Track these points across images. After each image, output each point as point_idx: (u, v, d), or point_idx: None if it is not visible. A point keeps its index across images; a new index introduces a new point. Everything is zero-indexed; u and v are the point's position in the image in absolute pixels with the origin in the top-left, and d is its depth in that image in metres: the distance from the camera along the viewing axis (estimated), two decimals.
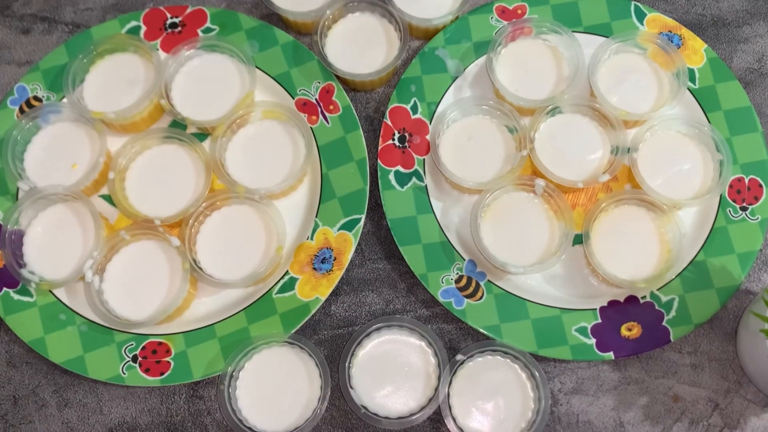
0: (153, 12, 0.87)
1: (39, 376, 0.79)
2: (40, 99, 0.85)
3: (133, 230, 0.78)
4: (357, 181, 0.81)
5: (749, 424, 0.76)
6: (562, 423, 0.77)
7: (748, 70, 0.87)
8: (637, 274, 0.77)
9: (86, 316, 0.78)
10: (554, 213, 0.80)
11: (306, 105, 0.84)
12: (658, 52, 0.84)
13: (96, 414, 0.78)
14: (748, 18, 0.89)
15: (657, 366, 0.78)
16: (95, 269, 0.77)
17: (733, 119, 0.82)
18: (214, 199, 0.79)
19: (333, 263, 0.78)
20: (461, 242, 0.81)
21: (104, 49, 0.84)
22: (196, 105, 0.83)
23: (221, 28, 0.87)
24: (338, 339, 0.80)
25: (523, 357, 0.75)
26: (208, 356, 0.77)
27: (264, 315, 0.78)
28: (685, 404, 0.77)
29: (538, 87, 0.84)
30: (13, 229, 0.78)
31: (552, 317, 0.77)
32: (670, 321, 0.77)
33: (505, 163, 0.82)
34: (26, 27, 0.91)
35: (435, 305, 0.80)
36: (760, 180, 0.81)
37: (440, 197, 0.82)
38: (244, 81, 0.83)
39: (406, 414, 0.75)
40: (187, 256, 0.77)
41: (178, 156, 0.82)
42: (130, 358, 0.77)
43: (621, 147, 0.80)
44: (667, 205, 0.78)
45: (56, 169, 0.81)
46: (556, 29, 0.83)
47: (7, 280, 0.79)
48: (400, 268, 0.81)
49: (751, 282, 0.81)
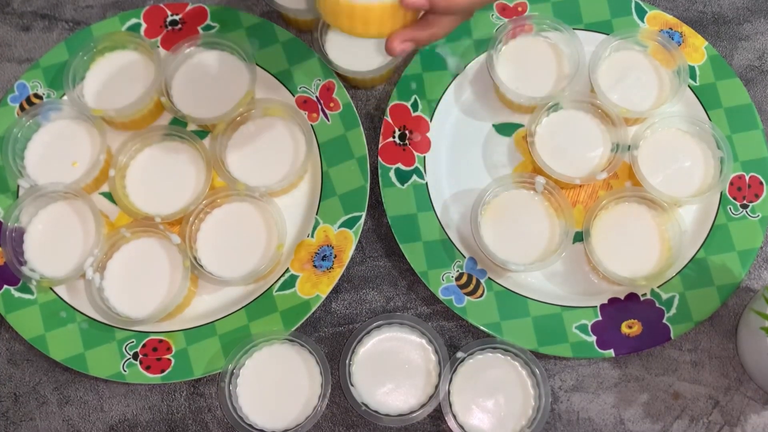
0: (153, 9, 0.87)
1: (40, 373, 0.79)
2: (41, 96, 0.85)
3: (134, 228, 0.78)
4: (357, 179, 0.81)
5: (749, 422, 0.76)
6: (563, 420, 0.77)
7: (749, 68, 0.87)
8: (637, 271, 0.77)
9: (87, 314, 0.78)
10: (555, 210, 0.80)
11: (306, 102, 0.84)
12: (658, 50, 0.84)
13: (97, 411, 0.78)
14: (749, 15, 0.89)
15: (657, 363, 0.78)
16: (96, 267, 0.77)
17: (733, 116, 0.82)
18: (215, 196, 0.79)
19: (333, 261, 0.78)
20: (462, 240, 0.81)
21: (105, 46, 0.84)
22: (196, 102, 0.83)
23: (221, 25, 0.86)
24: (339, 336, 0.80)
25: (524, 354, 0.75)
26: (208, 354, 0.77)
27: (264, 312, 0.78)
28: (686, 401, 0.77)
29: (538, 84, 0.83)
30: (14, 227, 0.78)
31: (552, 315, 0.77)
32: (671, 318, 0.77)
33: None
34: (26, 24, 0.91)
35: (435, 303, 0.80)
36: (760, 177, 0.81)
37: (440, 195, 0.82)
38: (245, 78, 0.83)
39: (406, 411, 0.75)
40: (188, 254, 0.77)
41: (178, 153, 0.82)
42: (131, 356, 0.77)
43: (621, 144, 0.80)
44: (667, 203, 0.78)
45: (57, 167, 0.81)
46: (557, 26, 0.83)
47: (8, 277, 0.79)
48: (401, 266, 0.81)
49: (751, 279, 0.81)
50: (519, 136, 0.84)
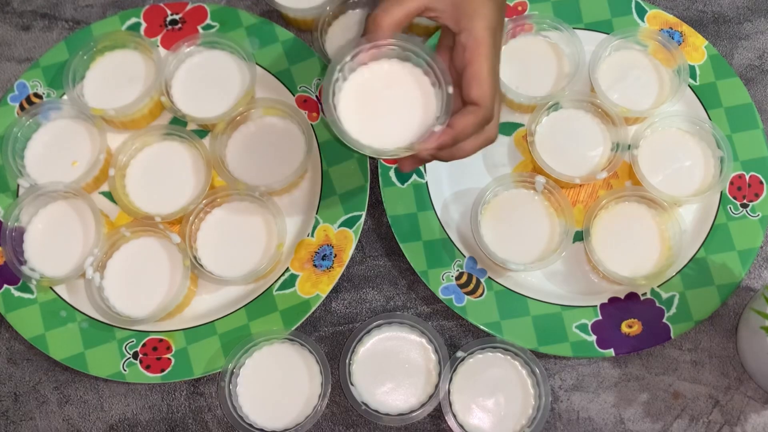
0: (153, 9, 0.87)
1: (40, 372, 0.79)
2: (41, 96, 0.85)
3: (134, 227, 0.78)
4: (357, 178, 0.80)
5: (749, 421, 0.76)
6: (563, 420, 0.77)
7: (749, 67, 0.87)
8: (637, 271, 0.77)
9: (87, 313, 0.78)
10: (555, 210, 0.80)
11: (306, 102, 0.84)
12: (658, 49, 0.84)
13: (97, 411, 0.78)
14: (749, 15, 0.89)
15: (657, 363, 0.78)
16: (96, 266, 0.77)
17: (733, 116, 0.82)
18: (215, 196, 0.79)
19: (333, 260, 0.78)
20: (462, 239, 0.81)
21: (104, 45, 0.84)
22: (196, 102, 0.83)
23: (221, 24, 0.86)
24: (339, 336, 0.80)
25: (524, 354, 0.75)
26: (208, 353, 0.77)
27: (264, 312, 0.78)
28: (686, 401, 0.77)
29: (538, 84, 0.83)
30: (14, 226, 0.78)
31: (552, 314, 0.77)
32: (671, 318, 0.77)
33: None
34: (26, 24, 0.91)
35: (435, 302, 0.80)
36: (760, 177, 0.81)
37: (440, 194, 0.82)
38: (245, 78, 0.83)
39: (406, 411, 0.75)
40: (188, 253, 0.77)
41: (178, 153, 0.82)
42: (131, 355, 0.77)
43: (622, 144, 0.80)
44: (667, 202, 0.78)
45: (56, 166, 0.81)
46: (557, 26, 0.83)
47: (8, 277, 0.79)
48: (401, 265, 0.81)
49: (751, 279, 0.81)
50: (519, 136, 0.84)
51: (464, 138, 0.62)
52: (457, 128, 0.61)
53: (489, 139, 0.64)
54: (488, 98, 0.61)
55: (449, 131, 0.61)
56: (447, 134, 0.61)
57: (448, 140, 0.61)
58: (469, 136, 0.62)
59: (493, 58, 0.61)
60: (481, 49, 0.60)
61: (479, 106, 0.61)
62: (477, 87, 0.60)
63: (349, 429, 0.77)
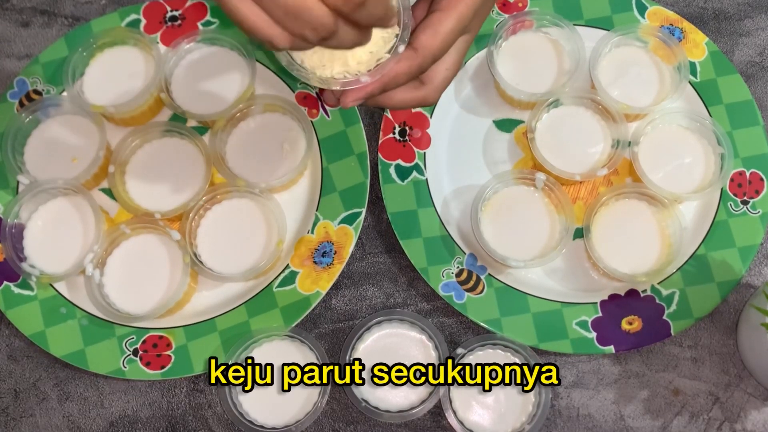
0: (153, 5, 0.87)
1: (40, 369, 0.79)
2: (40, 92, 0.85)
3: (134, 224, 0.78)
4: (357, 175, 0.80)
5: (749, 418, 0.76)
6: (563, 416, 0.77)
7: (750, 64, 0.87)
8: (637, 267, 0.77)
9: (87, 310, 0.78)
10: (555, 207, 0.79)
11: (306, 98, 0.84)
12: (659, 46, 0.84)
13: (97, 407, 0.78)
14: (750, 11, 0.89)
15: (657, 360, 0.78)
16: (96, 263, 0.77)
17: (734, 113, 0.82)
18: (215, 192, 0.79)
19: (333, 257, 0.78)
20: (462, 236, 0.80)
21: (104, 42, 0.84)
22: (196, 98, 0.83)
23: (221, 21, 0.86)
24: (339, 333, 0.80)
25: (524, 351, 0.75)
26: (208, 350, 0.77)
27: (264, 309, 0.78)
28: (686, 398, 0.77)
29: (539, 80, 0.83)
30: (14, 223, 0.78)
31: (552, 311, 0.77)
32: (671, 315, 0.77)
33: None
34: (26, 20, 0.91)
35: (435, 299, 0.80)
36: (761, 174, 0.81)
37: (440, 191, 0.82)
38: (245, 74, 0.83)
39: (406, 407, 0.75)
40: (188, 250, 0.77)
41: (178, 150, 0.82)
42: (131, 352, 0.77)
43: (622, 140, 0.80)
44: (668, 199, 0.78)
45: (56, 163, 0.81)
46: (557, 22, 0.83)
47: (8, 273, 0.79)
48: (401, 262, 0.81)
49: (751, 276, 0.81)
50: (519, 132, 0.84)
51: (394, 85, 0.58)
52: (389, 74, 0.57)
53: (423, 100, 0.60)
54: (431, 50, 0.56)
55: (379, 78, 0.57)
56: (377, 82, 0.57)
57: (377, 86, 0.57)
58: (400, 84, 0.58)
59: (464, 21, 0.57)
60: (460, 6, 0.57)
61: (417, 54, 0.56)
62: (427, 35, 0.56)
63: (349, 426, 0.77)
